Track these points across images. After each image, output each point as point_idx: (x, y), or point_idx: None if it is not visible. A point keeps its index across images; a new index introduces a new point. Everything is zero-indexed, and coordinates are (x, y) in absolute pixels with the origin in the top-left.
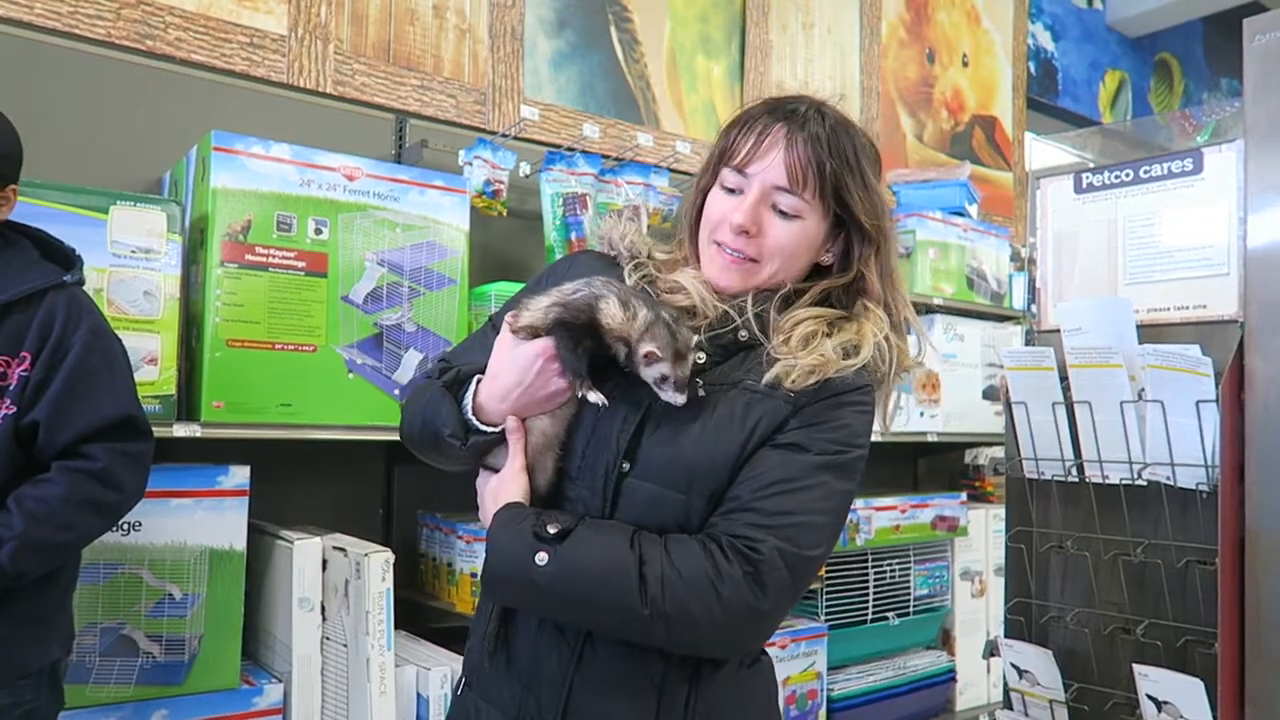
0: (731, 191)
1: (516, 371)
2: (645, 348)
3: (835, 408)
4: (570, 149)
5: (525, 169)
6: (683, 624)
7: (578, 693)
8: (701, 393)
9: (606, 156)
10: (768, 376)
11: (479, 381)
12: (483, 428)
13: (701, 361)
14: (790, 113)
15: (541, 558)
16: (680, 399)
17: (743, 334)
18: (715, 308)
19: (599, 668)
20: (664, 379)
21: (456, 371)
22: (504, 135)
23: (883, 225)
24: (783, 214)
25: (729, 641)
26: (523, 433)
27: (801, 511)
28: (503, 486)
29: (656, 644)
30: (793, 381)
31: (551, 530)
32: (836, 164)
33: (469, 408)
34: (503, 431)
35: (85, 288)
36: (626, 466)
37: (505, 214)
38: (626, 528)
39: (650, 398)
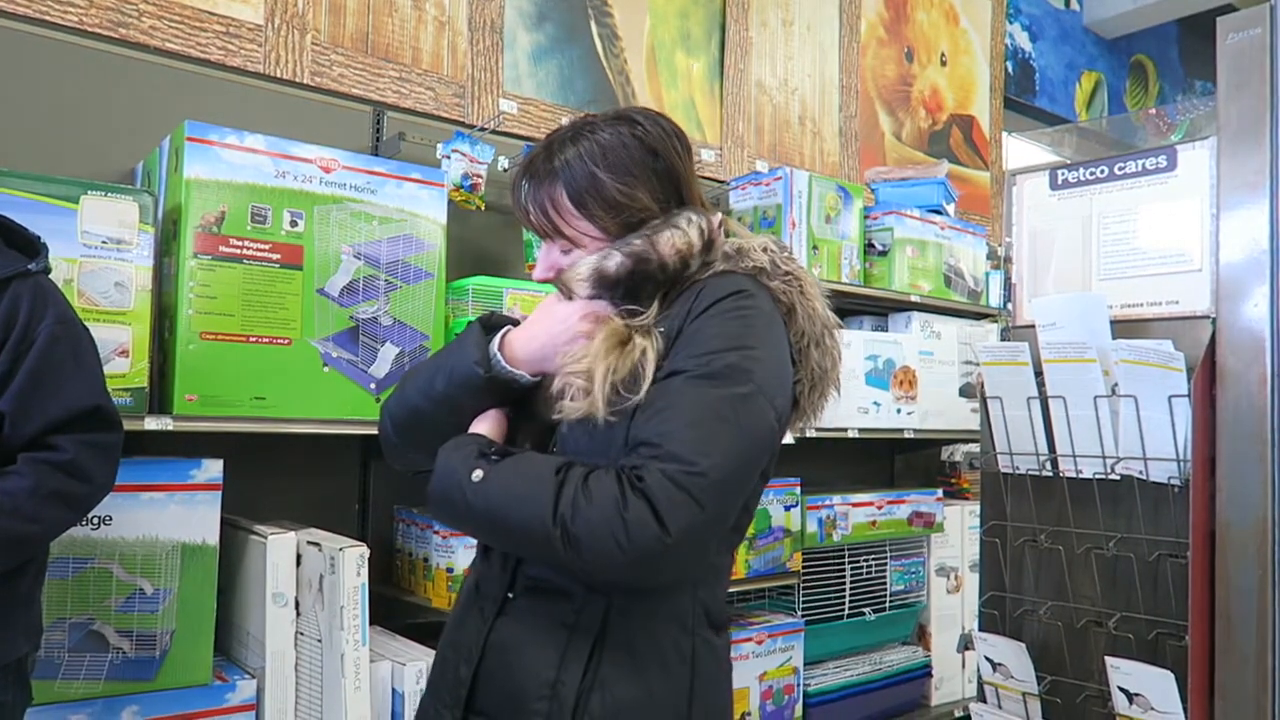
0: None
1: (550, 325)
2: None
3: (700, 322)
4: None
5: (504, 163)
6: (589, 547)
7: (490, 650)
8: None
9: None
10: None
11: (506, 332)
12: (505, 365)
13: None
14: (528, 164)
15: (477, 474)
16: None
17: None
18: None
19: (511, 624)
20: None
21: (490, 315)
22: (482, 129)
23: (582, 199)
24: (565, 253)
25: (635, 570)
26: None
27: (678, 429)
28: (478, 422)
29: (567, 565)
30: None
31: (493, 450)
32: (549, 193)
33: (495, 349)
34: (521, 375)
35: (54, 278)
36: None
37: (483, 208)
38: (563, 460)
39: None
